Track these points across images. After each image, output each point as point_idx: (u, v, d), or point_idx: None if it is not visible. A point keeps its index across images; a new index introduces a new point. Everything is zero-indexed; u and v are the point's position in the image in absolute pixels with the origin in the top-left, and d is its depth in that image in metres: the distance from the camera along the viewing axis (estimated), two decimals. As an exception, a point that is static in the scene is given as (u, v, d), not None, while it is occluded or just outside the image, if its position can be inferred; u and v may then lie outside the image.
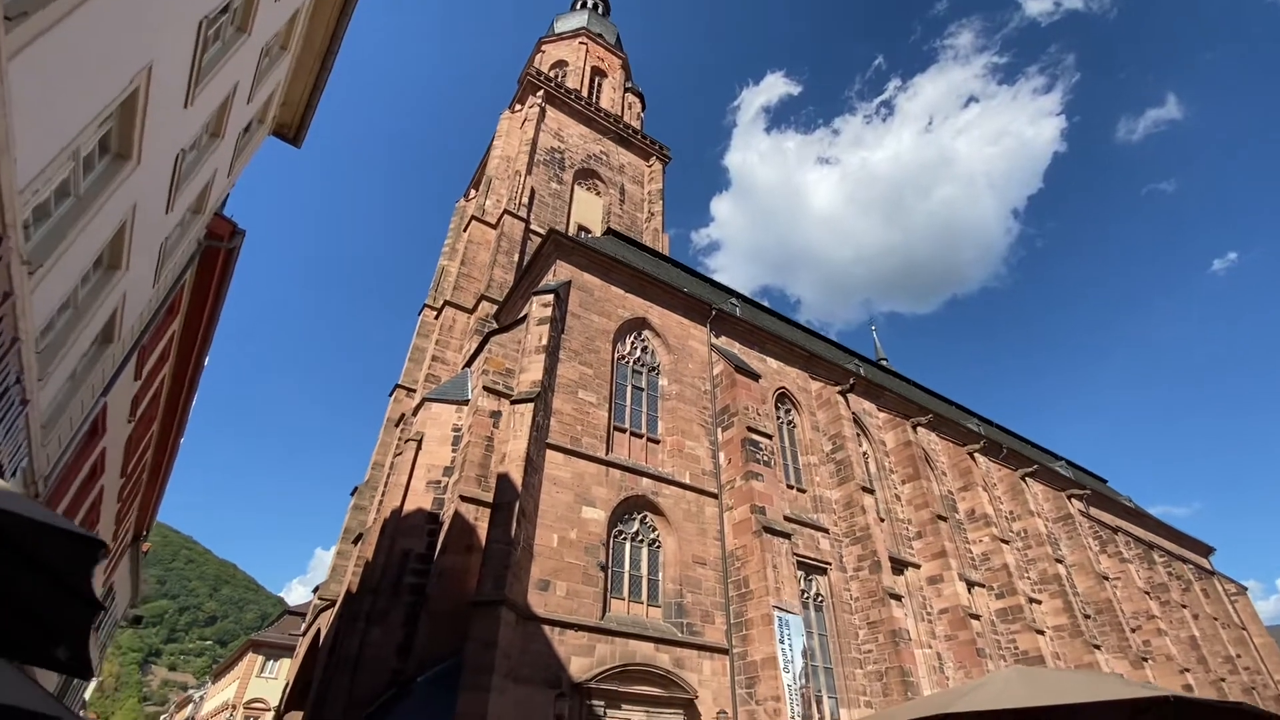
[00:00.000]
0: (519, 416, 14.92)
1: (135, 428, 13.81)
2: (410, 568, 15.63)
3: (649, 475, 17.15)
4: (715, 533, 17.42)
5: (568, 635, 13.54)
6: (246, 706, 33.90)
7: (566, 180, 30.69)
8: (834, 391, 23.27)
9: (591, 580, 14.55)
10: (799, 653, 14.89)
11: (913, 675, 17.23)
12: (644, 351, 20.11)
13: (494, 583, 12.42)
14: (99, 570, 6.37)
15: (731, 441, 18.74)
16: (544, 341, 16.53)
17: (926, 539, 22.37)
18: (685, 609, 15.64)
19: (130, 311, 8.90)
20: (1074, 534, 29.49)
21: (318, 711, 14.80)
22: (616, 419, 17.95)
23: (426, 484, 17.07)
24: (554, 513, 14.93)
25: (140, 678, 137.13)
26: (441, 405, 18.53)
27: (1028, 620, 22.50)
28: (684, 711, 14.05)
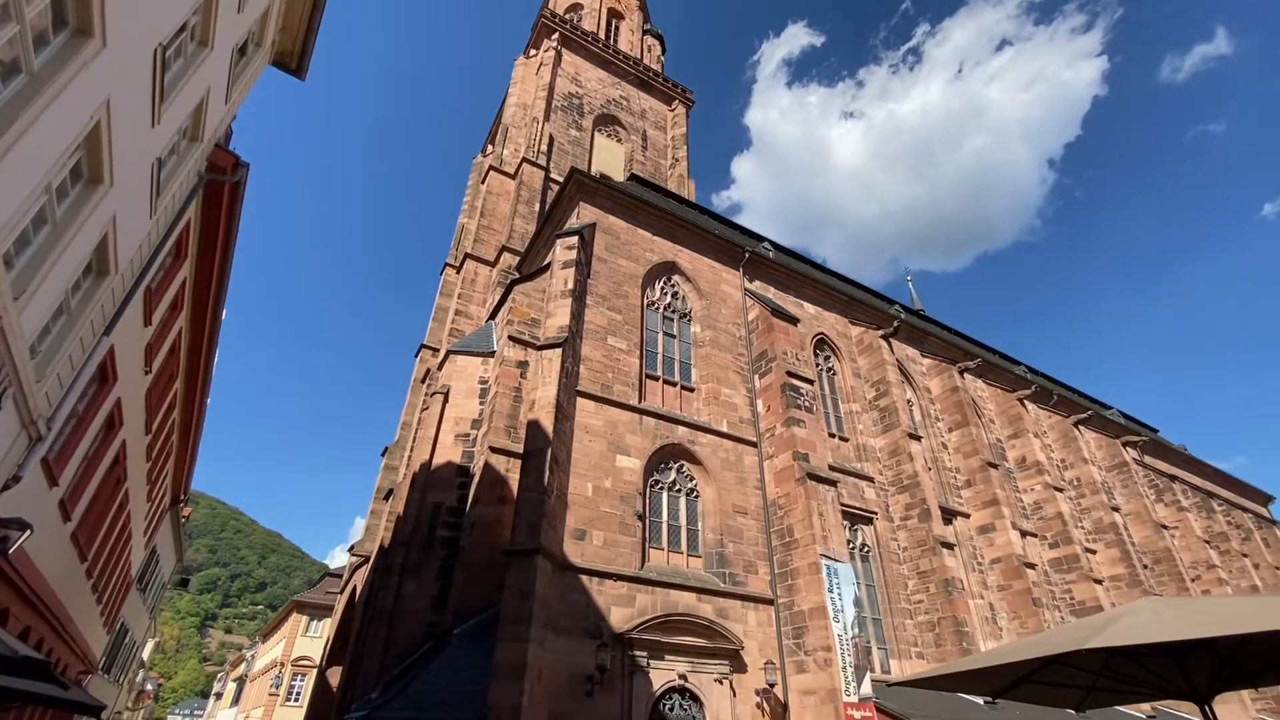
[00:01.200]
0: (547, 363, 14.14)
1: (155, 382, 13.38)
2: (442, 521, 15.21)
3: (685, 423, 16.33)
4: (755, 482, 16.62)
5: (606, 585, 12.97)
6: (294, 663, 34.92)
7: (586, 127, 29.30)
8: (876, 336, 22.02)
9: (629, 530, 13.91)
10: (849, 602, 14.14)
11: (967, 625, 16.43)
12: (674, 297, 19.08)
13: (528, 531, 11.82)
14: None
15: (770, 388, 17.76)
16: (570, 285, 15.62)
17: (976, 487, 21.29)
18: (727, 559, 14.96)
19: (125, 241, 8.20)
20: (1129, 482, 28.05)
21: (355, 664, 14.63)
22: (648, 367, 17.09)
23: (455, 437, 16.55)
24: (587, 461, 14.24)
25: (199, 639, 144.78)
26: (467, 358, 17.88)
27: (1084, 570, 21.44)
28: (729, 662, 13.47)
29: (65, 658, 14.87)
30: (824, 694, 13.01)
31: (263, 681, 38.86)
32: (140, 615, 27.00)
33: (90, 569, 13.95)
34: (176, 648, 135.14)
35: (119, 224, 7.70)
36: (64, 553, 11.23)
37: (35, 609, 10.53)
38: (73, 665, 16.38)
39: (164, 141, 8.24)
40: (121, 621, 22.63)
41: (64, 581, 12.00)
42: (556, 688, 11.40)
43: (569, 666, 11.72)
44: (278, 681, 34.68)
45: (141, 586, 24.92)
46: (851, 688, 12.97)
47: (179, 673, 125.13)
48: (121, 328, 9.51)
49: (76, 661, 16.52)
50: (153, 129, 7.59)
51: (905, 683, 5.35)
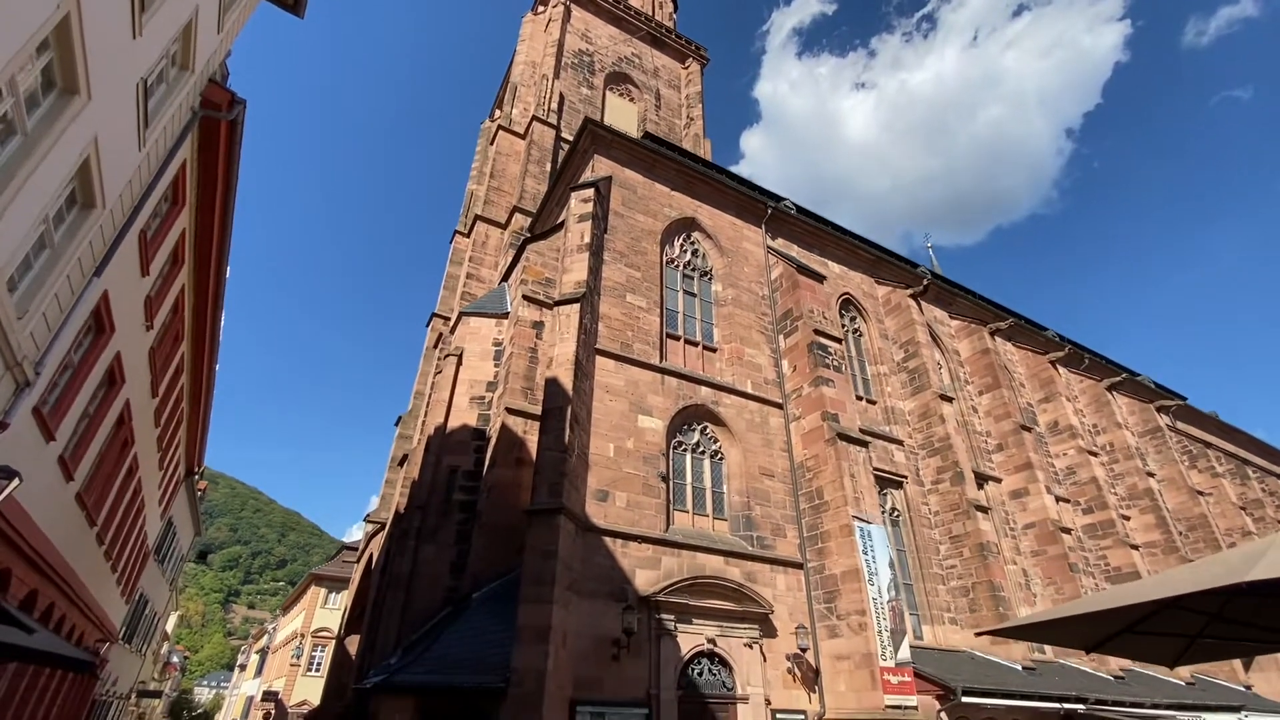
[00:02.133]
0: (564, 319, 13.45)
1: (159, 342, 12.87)
2: (459, 485, 14.72)
3: (708, 384, 15.64)
4: (781, 444, 15.95)
5: (630, 547, 12.43)
6: (313, 635, 35.18)
7: (597, 85, 28.19)
8: (905, 295, 21.11)
9: (652, 491, 13.33)
10: (884, 565, 13.54)
11: (1003, 590, 15.80)
12: (694, 255, 18.27)
13: (549, 491, 11.26)
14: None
15: (796, 347, 17.00)
16: (586, 239, 14.85)
17: (1009, 451, 20.52)
18: (754, 522, 14.38)
19: (112, 172, 7.55)
20: (1163, 448, 27.13)
21: (373, 631, 14.29)
22: (669, 326, 16.36)
23: (470, 400, 15.99)
24: (608, 421, 13.62)
25: (223, 615, 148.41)
26: (480, 319, 17.25)
27: (1120, 535, 20.72)
28: (759, 626, 12.95)
29: (80, 625, 14.66)
30: (859, 659, 12.48)
31: (284, 653, 39.29)
32: (160, 587, 27.07)
33: (101, 535, 13.62)
34: (202, 623, 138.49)
35: (103, 148, 7.04)
36: (69, 514, 10.82)
37: (40, 571, 10.14)
38: (90, 633, 16.22)
39: (149, 61, 7.53)
40: (140, 592, 22.58)
41: (72, 545, 11.63)
42: (582, 651, 10.93)
43: (594, 630, 11.24)
44: (298, 652, 34.97)
45: (160, 558, 24.89)
46: (888, 652, 12.42)
47: (204, 646, 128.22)
48: (116, 273, 8.93)
49: (93, 629, 16.35)
50: (134, 41, 6.88)
51: (992, 632, 4.68)
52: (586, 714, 10.43)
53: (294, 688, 33.98)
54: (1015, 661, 14.77)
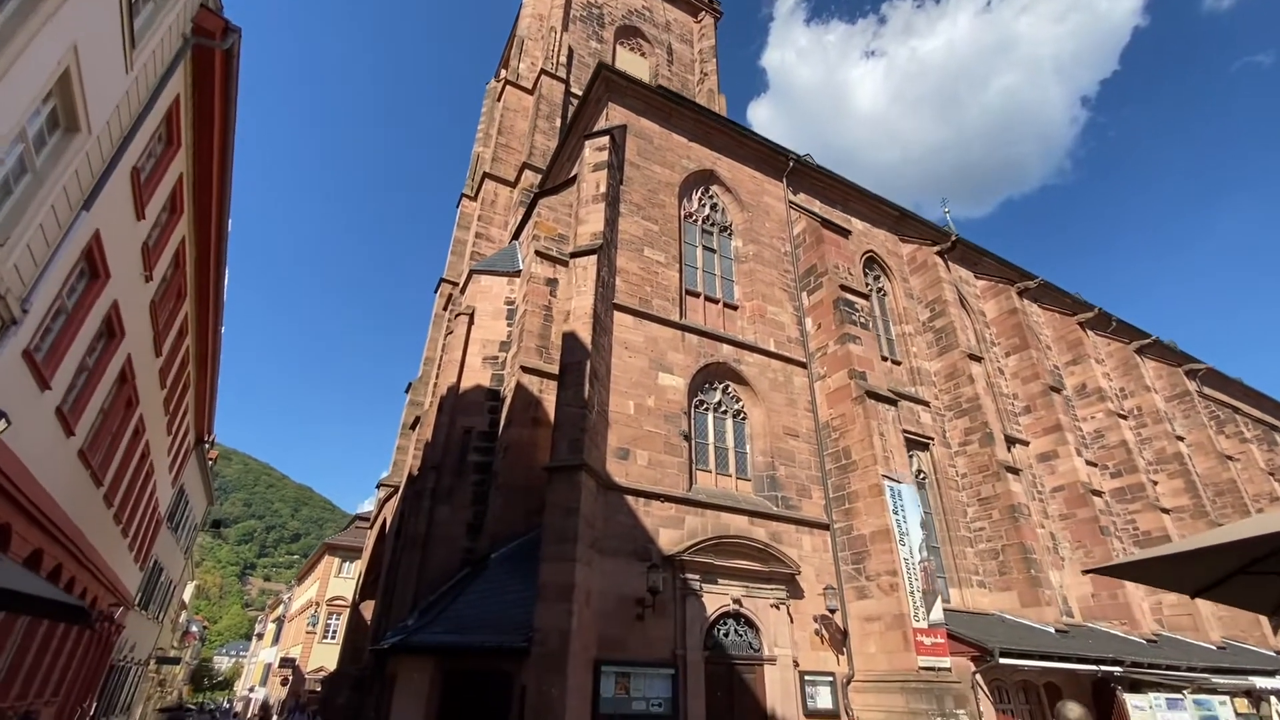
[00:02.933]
0: (581, 270, 12.82)
1: (160, 296, 12.35)
2: (473, 445, 14.28)
3: (730, 341, 15.03)
4: (806, 404, 15.39)
5: (653, 506, 11.98)
6: (328, 603, 35.41)
7: (607, 39, 27.05)
8: (931, 253, 20.29)
9: (674, 450, 12.83)
10: (915, 525, 13.05)
11: (1034, 552, 15.32)
12: (713, 209, 17.49)
13: (570, 447, 10.76)
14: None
15: (821, 304, 16.31)
16: (602, 189, 14.13)
17: (1037, 413, 19.89)
18: (779, 482, 13.89)
19: (97, 93, 6.92)
20: (1191, 412, 26.38)
21: (389, 593, 14.00)
22: (688, 283, 15.69)
23: (483, 360, 15.47)
24: (627, 379, 13.07)
25: (240, 587, 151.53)
26: (491, 277, 16.63)
27: (1150, 499, 20.16)
28: (785, 587, 12.55)
29: (92, 588, 14.44)
30: (890, 620, 12.07)
31: (300, 621, 39.68)
32: (174, 555, 27.08)
33: (109, 496, 13.29)
34: (220, 594, 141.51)
35: (84, 61, 6.39)
36: (72, 471, 10.42)
37: (44, 530, 9.78)
38: (103, 597, 16.05)
39: (131, -33, 6.83)
40: (155, 559, 22.51)
41: (78, 505, 11.28)
42: (605, 611, 10.55)
43: (617, 589, 10.85)
44: (314, 620, 35.26)
45: (173, 526, 24.80)
46: (920, 613, 11.99)
47: (223, 617, 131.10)
48: (108, 212, 8.35)
49: (106, 594, 16.18)
50: (112, -62, 6.18)
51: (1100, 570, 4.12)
52: (611, 674, 10.08)
53: (310, 654, 34.31)
54: (1047, 624, 14.35)
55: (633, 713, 10.00)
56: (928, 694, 11.02)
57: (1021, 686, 13.27)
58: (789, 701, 11.47)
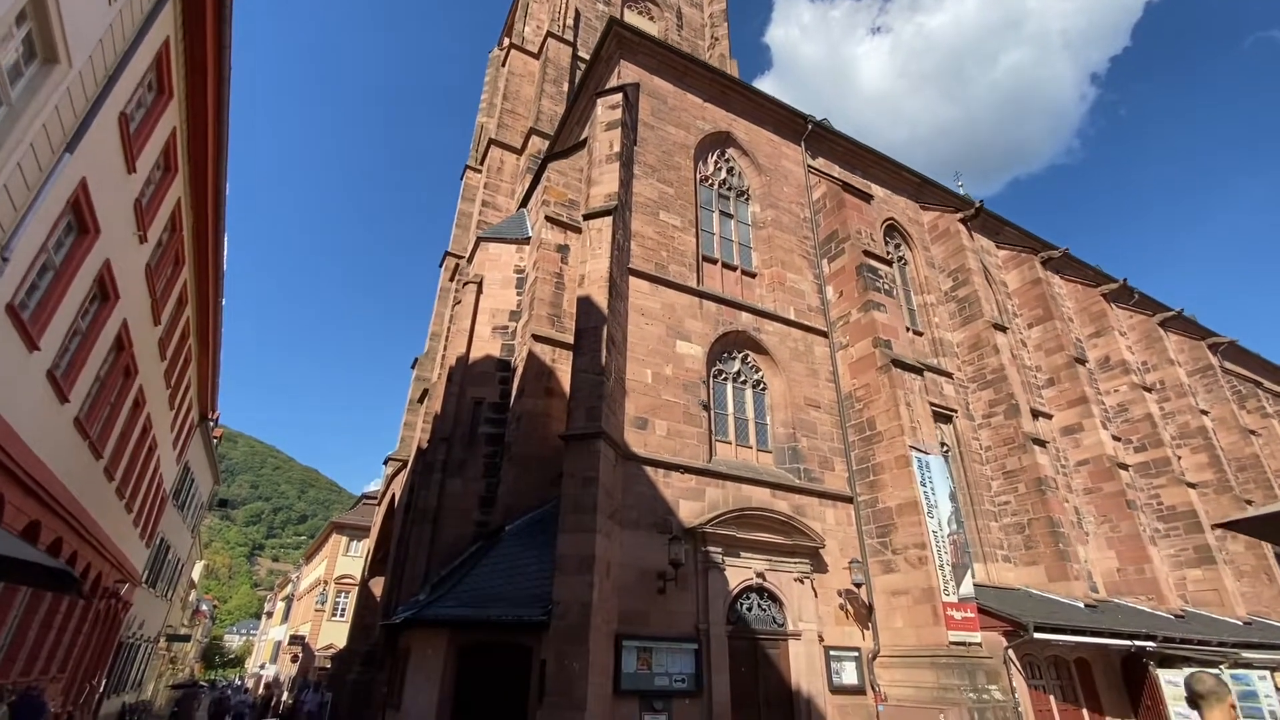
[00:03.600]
0: (595, 233, 12.22)
1: (157, 260, 11.83)
2: (485, 417, 13.81)
3: (749, 309, 14.47)
4: (827, 374, 14.86)
5: (673, 477, 11.52)
6: (336, 581, 35.40)
7: (614, 1, 26.07)
8: (954, 220, 19.60)
9: (694, 420, 12.34)
10: (945, 496, 12.59)
11: (1062, 526, 14.88)
12: (730, 173, 16.81)
13: (587, 415, 10.27)
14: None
15: (843, 271, 15.70)
16: (616, 148, 13.47)
17: (1061, 385, 19.33)
18: (800, 454, 13.41)
19: (75, 20, 6.33)
20: (1213, 387, 25.79)
21: (399, 568, 13.64)
22: (704, 249, 15.08)
23: (492, 330, 14.94)
24: (645, 346, 12.54)
25: (249, 567, 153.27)
26: (500, 245, 16.03)
27: (1175, 474, 19.65)
28: (810, 561, 12.12)
29: (97, 564, 14.12)
30: (918, 594, 11.65)
31: (308, 599, 39.75)
32: (181, 533, 26.89)
33: (110, 469, 12.90)
34: (229, 575, 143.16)
35: (58, -19, 5.79)
36: (68, 441, 9.99)
37: (40, 500, 9.37)
38: (109, 573, 15.77)
39: (109, -123, 6.19)
40: (161, 536, 22.28)
41: (77, 477, 10.87)
42: (625, 584, 10.13)
43: (638, 562, 10.42)
44: (323, 598, 35.26)
45: (179, 504, 24.55)
46: (950, 587, 11.57)
47: (233, 597, 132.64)
48: (95, 160, 7.79)
49: (112, 570, 15.90)
50: None
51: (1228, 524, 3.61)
52: (633, 649, 9.69)
53: (319, 632, 34.35)
54: (1076, 599, 13.94)
55: (655, 688, 9.63)
56: (959, 669, 10.63)
57: (1052, 662, 12.91)
58: (814, 677, 11.11)
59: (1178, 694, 12.33)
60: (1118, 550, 16.99)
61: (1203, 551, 18.49)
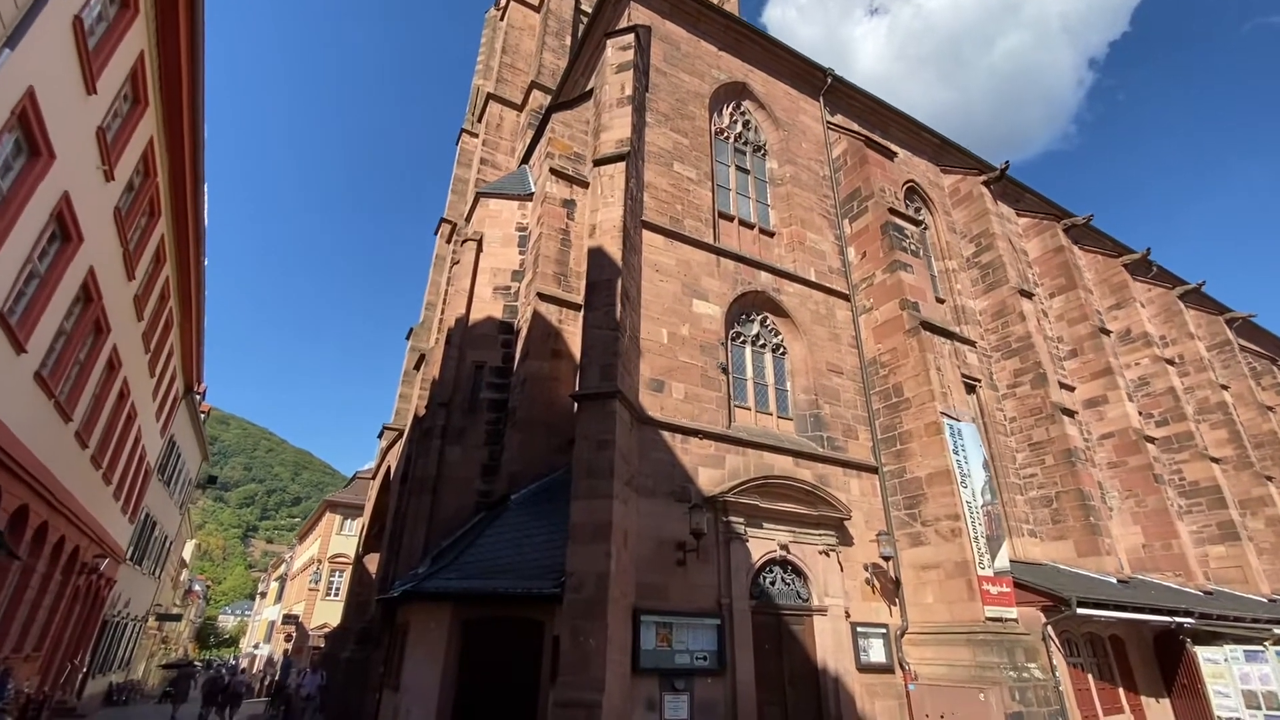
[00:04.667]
0: (607, 180, 11.26)
1: (129, 204, 10.81)
2: (486, 381, 12.94)
3: (768, 269, 13.59)
4: (850, 339, 14.04)
5: (691, 443, 10.71)
6: (330, 560, 34.69)
7: (619, -46, 24.70)
8: (977, 183, 18.70)
9: (712, 383, 11.51)
10: (978, 465, 11.85)
11: (1093, 499, 14.22)
12: (746, 127, 15.82)
13: (601, 374, 9.41)
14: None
15: (866, 231, 14.82)
16: (628, 92, 12.46)
17: (1085, 357, 18.59)
18: (823, 421, 12.62)
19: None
20: (1230, 362, 25.16)
21: (395, 541, 12.84)
22: (720, 205, 14.15)
23: (493, 290, 14.01)
24: (659, 304, 11.66)
25: (244, 549, 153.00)
26: (500, 201, 15.03)
27: (1198, 448, 19.03)
28: (835, 533, 11.38)
29: (72, 536, 13.26)
30: (951, 568, 10.94)
31: (302, 579, 39.08)
32: (169, 510, 26.01)
33: (83, 436, 11.98)
34: (223, 556, 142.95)
35: None
36: (28, 397, 9.06)
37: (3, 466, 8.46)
38: (87, 548, 14.90)
39: None
40: (146, 511, 21.41)
41: (42, 440, 9.95)
42: (643, 556, 9.36)
43: (656, 532, 9.65)
44: (316, 577, 34.57)
45: (165, 479, 23.64)
46: (984, 560, 10.87)
47: (227, 578, 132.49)
48: (47, 69, 6.79)
49: (90, 544, 15.03)
50: None
51: None
52: (651, 624, 8.94)
53: (314, 611, 33.73)
54: (1107, 574, 13.31)
55: (675, 666, 8.90)
56: (997, 646, 9.95)
57: (1088, 639, 12.30)
58: (842, 654, 10.42)
59: (1217, 672, 11.76)
60: (1143, 526, 16.38)
61: (1226, 528, 17.93)
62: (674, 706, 8.64)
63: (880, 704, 10.41)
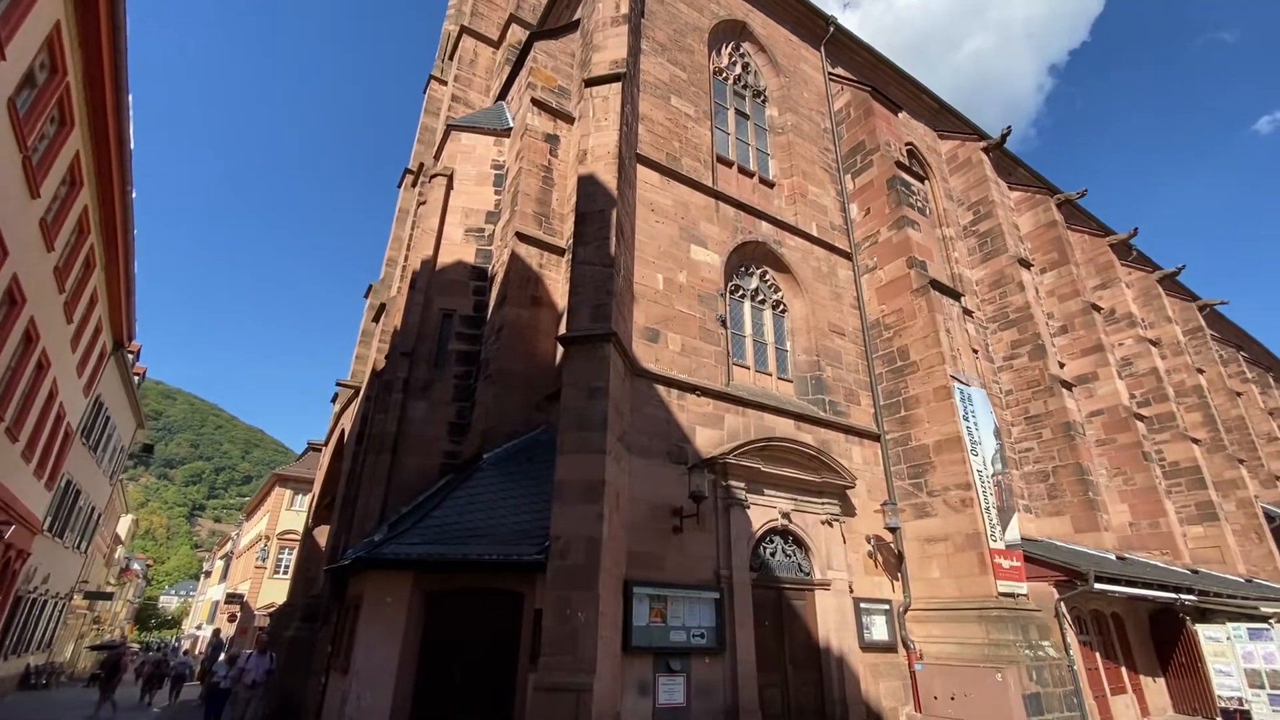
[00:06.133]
0: (600, 102, 9.97)
1: (30, 101, 9.03)
2: (455, 332, 11.56)
3: (770, 219, 12.54)
4: (851, 300, 13.14)
5: (688, 400, 9.63)
6: (279, 537, 32.67)
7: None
8: (976, 149, 18.00)
9: (710, 337, 10.42)
10: (989, 433, 11.11)
11: (1091, 474, 13.75)
12: (745, 70, 14.65)
13: (593, 314, 8.22)
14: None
15: (870, 186, 13.88)
16: (623, 10, 11.15)
17: (1075, 333, 18.17)
18: (825, 384, 11.70)
19: None
20: (1202, 348, 25.44)
21: (350, 506, 11.43)
22: (719, 149, 12.99)
23: (465, 232, 12.58)
24: (655, 246, 10.49)
25: (189, 528, 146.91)
26: (474, 136, 13.54)
27: (1180, 429, 18.94)
28: (839, 502, 10.49)
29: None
30: (960, 540, 10.19)
31: (249, 556, 36.92)
32: (96, 479, 23.74)
33: (-27, 378, 10.17)
34: (167, 535, 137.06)
35: None
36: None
37: None
38: (-13, 513, 13.02)
39: None
40: (67, 479, 19.30)
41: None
42: (635, 521, 8.27)
43: (650, 495, 8.56)
44: (264, 554, 32.54)
45: (90, 445, 21.43)
46: (996, 532, 10.14)
47: (171, 558, 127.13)
48: None
49: (-9, 508, 13.16)
50: None
51: None
52: (644, 597, 7.88)
53: (260, 590, 31.75)
54: (1106, 551, 12.86)
55: (671, 644, 7.86)
56: (1012, 623, 9.25)
57: (1093, 617, 11.78)
58: (846, 632, 9.56)
59: (1219, 650, 11.38)
60: (1131, 504, 16.09)
61: (1205, 508, 17.89)
62: (669, 690, 7.62)
63: (885, 685, 9.62)
